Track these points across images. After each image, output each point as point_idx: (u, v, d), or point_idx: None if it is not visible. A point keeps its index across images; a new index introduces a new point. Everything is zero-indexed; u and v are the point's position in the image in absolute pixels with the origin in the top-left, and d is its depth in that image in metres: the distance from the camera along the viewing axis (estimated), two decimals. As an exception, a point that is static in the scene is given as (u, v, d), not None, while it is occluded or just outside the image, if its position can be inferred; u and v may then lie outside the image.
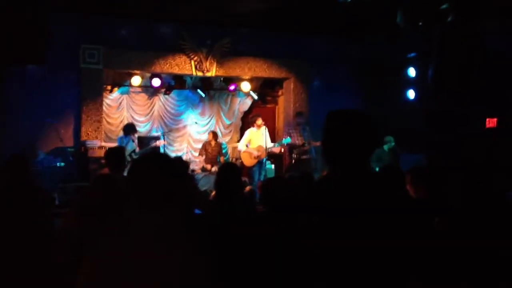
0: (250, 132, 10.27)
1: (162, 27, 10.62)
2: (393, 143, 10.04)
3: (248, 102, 12.78)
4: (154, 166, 2.05)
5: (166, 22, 10.54)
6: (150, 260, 1.89)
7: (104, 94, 10.88)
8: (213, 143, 10.66)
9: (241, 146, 10.27)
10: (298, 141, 10.25)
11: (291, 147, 10.29)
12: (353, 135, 1.99)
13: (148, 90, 11.74)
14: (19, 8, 6.30)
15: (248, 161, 10.09)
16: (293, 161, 10.31)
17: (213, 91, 12.33)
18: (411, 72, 10.43)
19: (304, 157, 10.27)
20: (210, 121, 12.51)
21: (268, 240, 3.18)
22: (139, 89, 11.75)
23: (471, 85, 8.15)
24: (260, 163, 10.12)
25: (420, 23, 7.49)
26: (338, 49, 11.64)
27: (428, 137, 9.65)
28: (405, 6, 7.52)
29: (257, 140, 10.11)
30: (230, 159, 12.18)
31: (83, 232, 2.89)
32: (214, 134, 10.85)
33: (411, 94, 10.58)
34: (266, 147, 9.96)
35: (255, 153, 9.99)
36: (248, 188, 6.45)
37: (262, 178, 9.85)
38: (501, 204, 3.60)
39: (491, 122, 9.05)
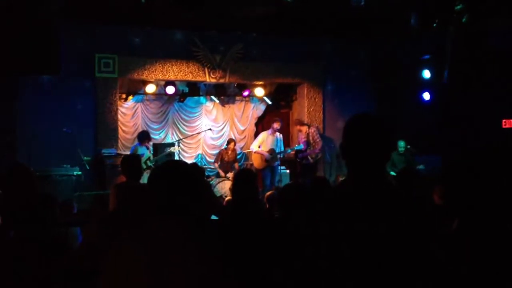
0: (264, 135, 10.27)
1: (176, 35, 10.69)
2: (403, 148, 9.97)
3: (262, 108, 12.78)
4: (173, 173, 2.07)
5: (179, 29, 10.62)
6: (168, 266, 1.90)
7: (119, 102, 10.97)
8: (230, 151, 10.67)
9: (253, 146, 10.27)
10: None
11: (296, 153, 10.30)
12: (374, 140, 1.98)
13: (163, 97, 11.79)
14: (32, 18, 6.35)
15: (258, 163, 10.06)
16: (298, 166, 10.34)
17: (227, 97, 12.36)
18: (426, 74, 10.36)
19: (305, 162, 10.26)
20: (224, 127, 12.53)
21: (282, 245, 3.17)
22: (154, 97, 11.81)
23: (486, 85, 8.08)
24: (271, 168, 10.09)
25: (434, 25, 7.44)
26: (351, 52, 11.62)
27: (444, 139, 9.57)
28: (419, 8, 7.48)
29: (270, 144, 10.09)
30: (244, 165, 12.20)
31: (103, 241, 2.90)
32: (234, 142, 10.87)
33: (426, 96, 10.51)
34: (279, 152, 9.96)
35: (267, 156, 9.96)
36: (269, 192, 6.42)
37: (276, 184, 9.83)
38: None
39: (507, 123, 8.96)
